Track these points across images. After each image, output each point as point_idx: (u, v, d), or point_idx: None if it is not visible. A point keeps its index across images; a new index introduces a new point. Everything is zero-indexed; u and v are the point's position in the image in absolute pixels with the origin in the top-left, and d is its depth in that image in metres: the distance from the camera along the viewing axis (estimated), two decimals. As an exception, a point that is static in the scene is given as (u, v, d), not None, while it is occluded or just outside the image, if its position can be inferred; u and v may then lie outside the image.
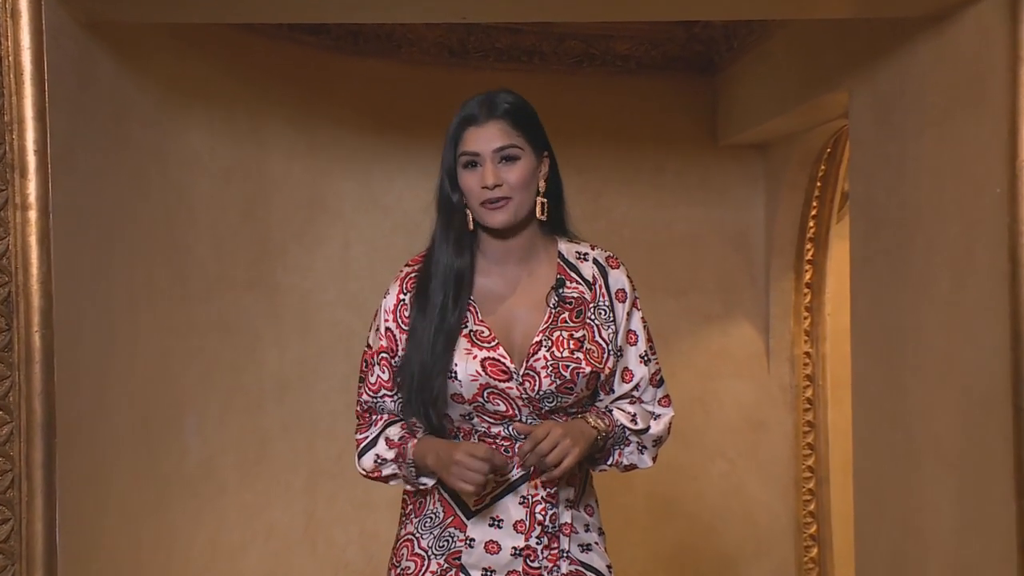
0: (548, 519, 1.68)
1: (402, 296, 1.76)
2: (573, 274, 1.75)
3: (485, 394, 1.66)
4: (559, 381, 1.66)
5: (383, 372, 1.76)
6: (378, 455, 1.76)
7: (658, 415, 1.78)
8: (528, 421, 1.68)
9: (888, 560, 2.49)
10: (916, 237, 2.27)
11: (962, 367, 2.09)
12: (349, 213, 3.45)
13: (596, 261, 1.77)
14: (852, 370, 2.69)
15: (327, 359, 3.32)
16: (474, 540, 1.69)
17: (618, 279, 1.77)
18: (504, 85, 1.79)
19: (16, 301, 1.87)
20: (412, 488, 1.77)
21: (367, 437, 1.78)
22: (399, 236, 3.40)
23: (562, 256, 1.77)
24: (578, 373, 1.67)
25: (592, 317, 1.72)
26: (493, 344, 1.68)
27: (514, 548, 1.68)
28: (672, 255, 3.80)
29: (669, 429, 1.80)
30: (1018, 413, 1.88)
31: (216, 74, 2.99)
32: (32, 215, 1.88)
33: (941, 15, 2.12)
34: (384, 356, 1.76)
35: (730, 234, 3.84)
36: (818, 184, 3.62)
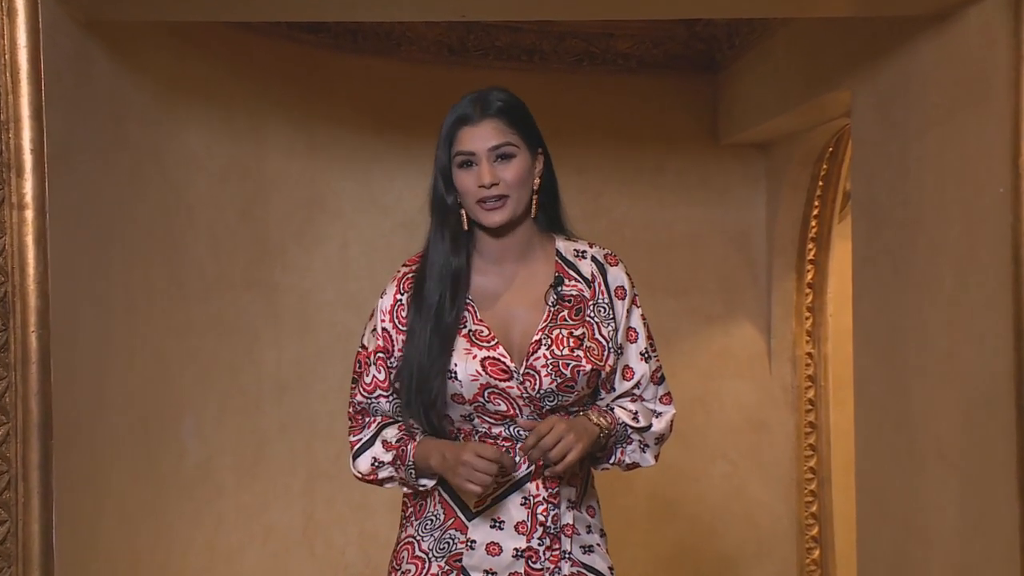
0: (550, 520, 1.67)
1: (399, 297, 1.75)
2: (571, 272, 1.75)
3: (486, 394, 1.65)
4: (560, 379, 1.65)
5: (379, 372, 1.76)
6: (375, 457, 1.75)
7: (660, 413, 1.78)
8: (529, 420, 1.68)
9: (890, 561, 2.49)
10: (918, 237, 2.27)
11: (965, 367, 2.09)
12: (348, 213, 3.45)
13: (594, 259, 1.77)
14: (854, 371, 2.68)
15: (326, 359, 3.31)
16: (475, 542, 1.68)
17: (617, 276, 1.76)
18: (504, 84, 1.78)
19: (13, 301, 1.86)
20: (411, 490, 1.76)
21: (361, 439, 1.77)
22: (398, 236, 3.39)
23: (560, 254, 1.77)
24: (578, 371, 1.66)
25: (592, 315, 1.72)
26: (493, 343, 1.67)
27: (516, 549, 1.67)
28: (673, 255, 3.79)
29: (671, 427, 1.80)
30: (1021, 414, 1.88)
31: (214, 73, 2.99)
32: (29, 215, 1.88)
33: (944, 14, 2.11)
34: (380, 356, 1.75)
35: (731, 234, 3.83)
36: (820, 183, 3.62)
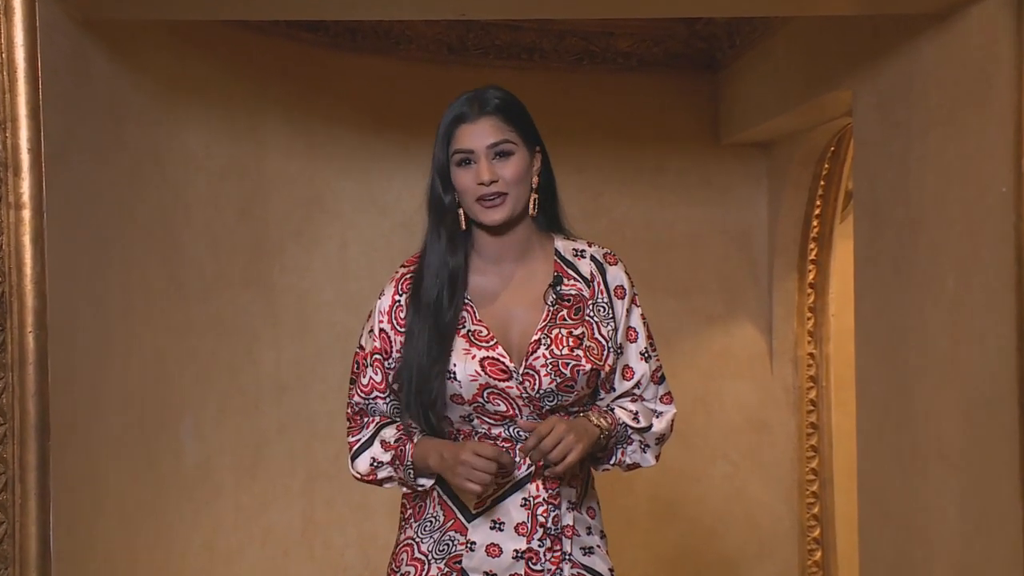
0: (550, 521, 1.67)
1: (397, 297, 1.75)
2: (570, 271, 1.75)
3: (485, 394, 1.65)
4: (559, 379, 1.65)
5: (376, 374, 1.76)
6: (374, 457, 1.74)
7: (660, 413, 1.78)
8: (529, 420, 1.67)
9: (892, 563, 2.48)
10: (921, 237, 2.26)
11: (967, 368, 2.08)
12: (347, 212, 3.45)
13: (594, 258, 1.76)
14: (856, 371, 2.68)
15: (325, 360, 3.31)
16: (475, 543, 1.68)
17: (616, 276, 1.76)
18: (503, 83, 1.78)
19: (10, 301, 1.86)
20: (409, 490, 1.75)
21: (360, 440, 1.78)
22: (398, 236, 3.38)
23: (559, 253, 1.77)
24: (578, 371, 1.66)
25: (591, 314, 1.72)
26: (492, 343, 1.67)
27: (516, 551, 1.66)
28: (674, 255, 3.79)
29: (672, 427, 1.79)
30: (1023, 414, 1.87)
31: (213, 72, 2.98)
32: (26, 214, 1.87)
33: (945, 13, 2.10)
34: (377, 357, 1.75)
35: (732, 234, 3.83)
36: (822, 183, 3.61)
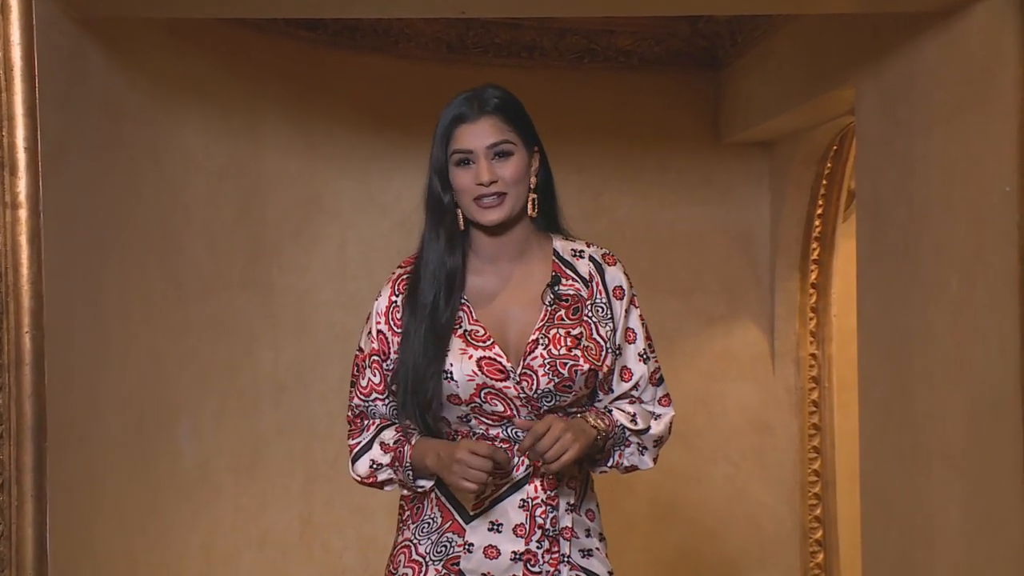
0: (549, 522, 1.66)
1: (394, 298, 1.74)
2: (569, 271, 1.74)
3: (482, 394, 1.64)
4: (557, 379, 1.64)
5: (374, 375, 1.75)
6: (373, 460, 1.74)
7: (658, 415, 1.77)
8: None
9: (895, 565, 2.48)
10: (924, 236, 2.26)
11: (971, 369, 2.07)
12: (346, 212, 3.45)
13: (592, 258, 1.76)
14: (859, 372, 2.68)
15: (324, 360, 3.30)
16: (473, 545, 1.67)
17: (615, 276, 1.75)
18: (504, 81, 1.77)
19: (6, 302, 1.86)
20: (409, 492, 1.75)
21: (360, 442, 1.77)
22: (397, 235, 3.37)
23: (557, 253, 1.76)
24: (576, 371, 1.65)
25: (589, 314, 1.71)
26: (489, 343, 1.66)
27: (514, 552, 1.65)
28: (675, 255, 3.79)
29: (670, 429, 1.78)
30: (1028, 416, 1.86)
31: (211, 70, 2.98)
32: (22, 214, 1.87)
33: (949, 10, 2.10)
34: (375, 359, 1.75)
35: (734, 233, 3.82)
36: (824, 182, 3.61)
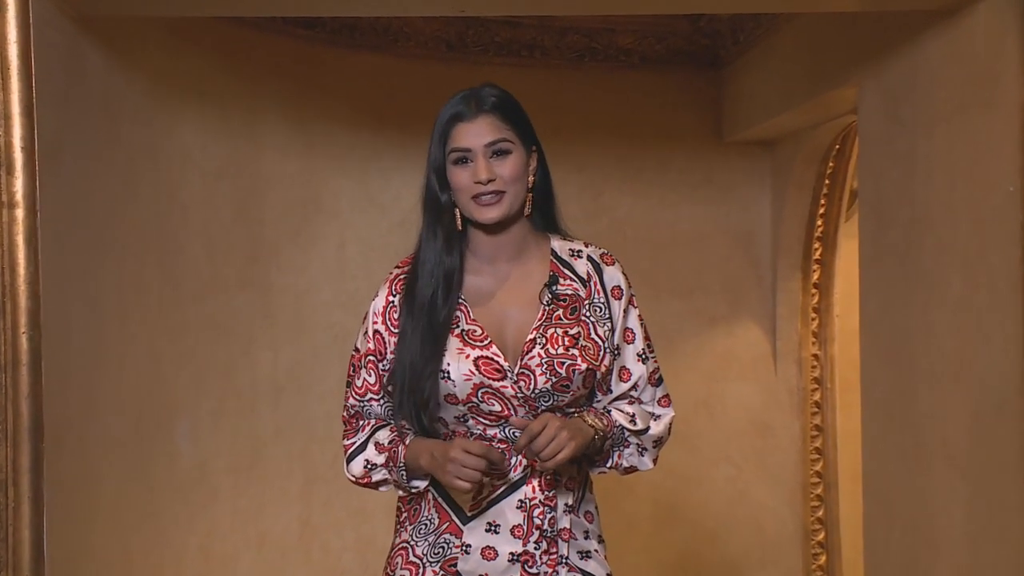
0: (547, 523, 1.65)
1: (391, 298, 1.74)
2: (567, 271, 1.74)
3: (479, 394, 1.64)
4: (555, 379, 1.64)
5: (369, 375, 1.75)
6: (368, 460, 1.73)
7: (658, 415, 1.76)
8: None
9: (898, 567, 2.47)
10: (926, 236, 2.26)
11: (973, 369, 2.07)
12: (345, 212, 3.44)
13: (590, 258, 1.75)
14: (861, 372, 2.67)
15: (322, 361, 3.30)
16: (470, 546, 1.66)
17: (613, 276, 1.75)
18: (503, 80, 1.77)
19: (3, 302, 1.86)
20: (404, 493, 1.74)
21: (355, 442, 1.77)
22: (396, 235, 3.36)
23: (555, 253, 1.76)
24: (574, 370, 1.65)
25: (587, 314, 1.71)
26: (486, 343, 1.66)
27: (511, 554, 1.65)
28: (676, 255, 3.78)
29: (669, 430, 1.78)
30: (1032, 417, 1.85)
31: (209, 69, 2.98)
32: (19, 213, 1.87)
33: (952, 9, 2.10)
34: (371, 359, 1.74)
35: (736, 233, 3.82)
36: (826, 182, 3.60)
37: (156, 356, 2.64)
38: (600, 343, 1.69)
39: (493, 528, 1.66)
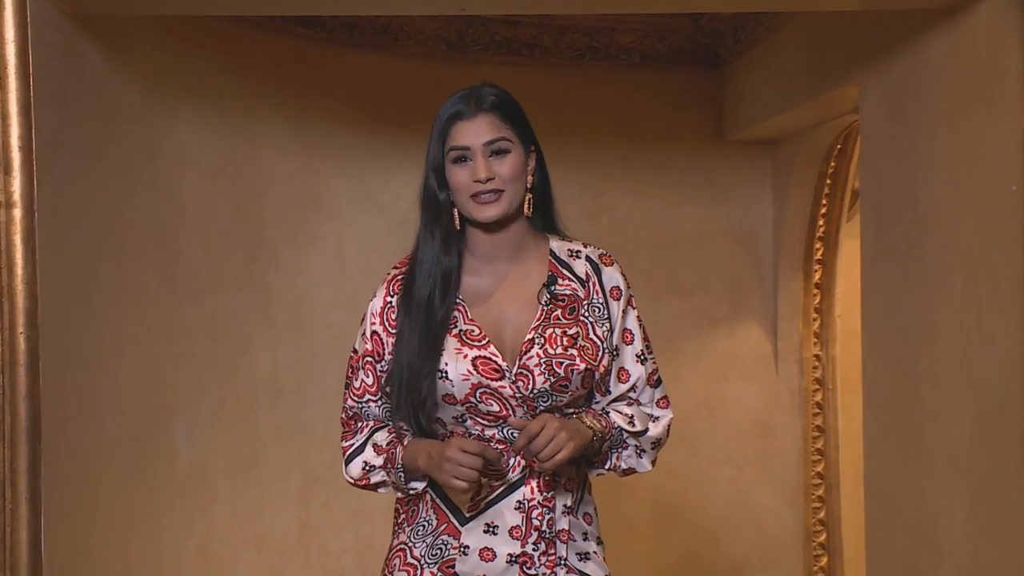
0: (545, 524, 1.65)
1: (389, 299, 1.73)
2: (565, 271, 1.73)
3: (477, 394, 1.63)
4: (553, 379, 1.64)
5: (367, 376, 1.74)
6: (366, 461, 1.73)
7: (657, 417, 1.76)
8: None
9: (900, 568, 2.47)
10: (929, 236, 2.25)
11: (976, 370, 2.07)
12: (344, 211, 3.44)
13: (589, 258, 1.75)
14: (863, 373, 2.67)
15: (321, 362, 3.30)
16: (468, 547, 1.66)
17: (612, 276, 1.74)
18: (503, 79, 1.77)
19: (0, 302, 1.85)
20: (402, 494, 1.74)
21: (353, 444, 1.76)
22: (395, 235, 3.35)
23: (553, 254, 1.75)
24: (572, 370, 1.64)
25: (586, 314, 1.70)
26: (484, 343, 1.65)
27: (510, 555, 1.64)
28: (677, 254, 3.78)
29: (668, 431, 1.77)
30: (1034, 418, 1.85)
31: (207, 68, 2.98)
32: (16, 213, 1.86)
33: (954, 8, 2.10)
34: (369, 360, 1.74)
35: (737, 233, 3.82)
36: (828, 181, 3.60)
37: (154, 356, 2.64)
38: (599, 343, 1.69)
39: (491, 529, 1.65)
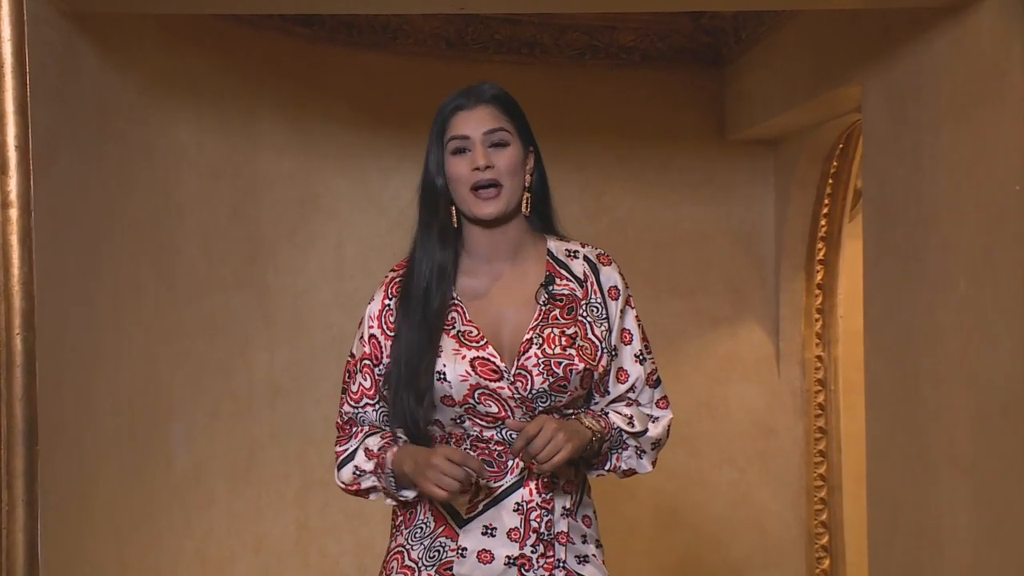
0: (544, 526, 1.64)
1: (387, 302, 1.73)
2: (563, 271, 1.73)
3: (476, 395, 1.63)
4: (552, 379, 1.63)
5: (365, 380, 1.74)
6: (356, 466, 1.72)
7: (656, 417, 1.75)
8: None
9: (903, 570, 2.47)
10: (931, 236, 2.25)
11: (979, 371, 2.06)
12: (343, 211, 3.44)
13: (587, 258, 1.75)
14: (865, 374, 2.67)
15: (320, 362, 3.29)
16: (466, 549, 1.65)
17: (610, 276, 1.74)
18: (503, 78, 1.80)
19: (-3, 303, 1.84)
20: (393, 502, 1.73)
21: (347, 449, 1.75)
22: (395, 235, 3.35)
23: (551, 254, 1.75)
24: (571, 370, 1.63)
25: (584, 314, 1.70)
26: (482, 343, 1.65)
27: (508, 557, 1.63)
28: (678, 255, 3.78)
29: (668, 432, 1.77)
30: (1038, 419, 1.84)
31: (205, 67, 2.98)
32: (13, 213, 1.85)
33: (957, 6, 2.09)
34: (367, 364, 1.73)
35: (738, 233, 3.82)
36: (830, 181, 3.60)
37: (152, 357, 2.63)
38: (597, 343, 1.68)
39: (489, 531, 1.64)
